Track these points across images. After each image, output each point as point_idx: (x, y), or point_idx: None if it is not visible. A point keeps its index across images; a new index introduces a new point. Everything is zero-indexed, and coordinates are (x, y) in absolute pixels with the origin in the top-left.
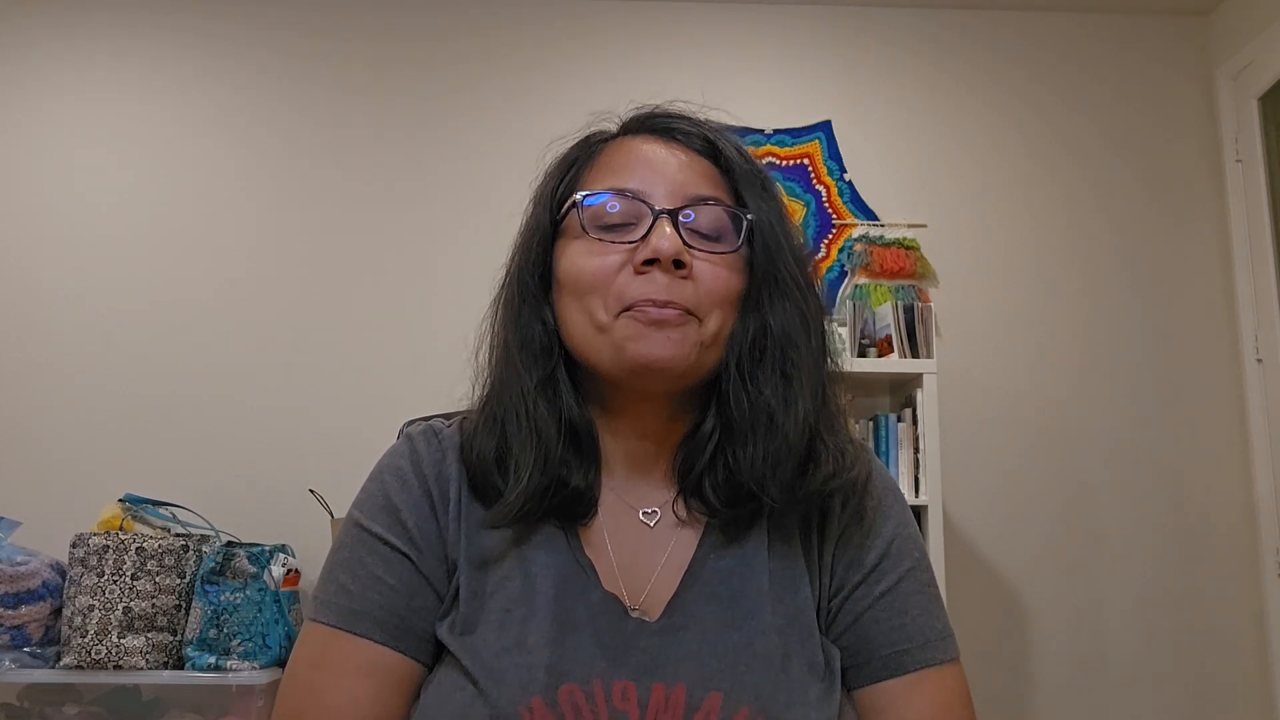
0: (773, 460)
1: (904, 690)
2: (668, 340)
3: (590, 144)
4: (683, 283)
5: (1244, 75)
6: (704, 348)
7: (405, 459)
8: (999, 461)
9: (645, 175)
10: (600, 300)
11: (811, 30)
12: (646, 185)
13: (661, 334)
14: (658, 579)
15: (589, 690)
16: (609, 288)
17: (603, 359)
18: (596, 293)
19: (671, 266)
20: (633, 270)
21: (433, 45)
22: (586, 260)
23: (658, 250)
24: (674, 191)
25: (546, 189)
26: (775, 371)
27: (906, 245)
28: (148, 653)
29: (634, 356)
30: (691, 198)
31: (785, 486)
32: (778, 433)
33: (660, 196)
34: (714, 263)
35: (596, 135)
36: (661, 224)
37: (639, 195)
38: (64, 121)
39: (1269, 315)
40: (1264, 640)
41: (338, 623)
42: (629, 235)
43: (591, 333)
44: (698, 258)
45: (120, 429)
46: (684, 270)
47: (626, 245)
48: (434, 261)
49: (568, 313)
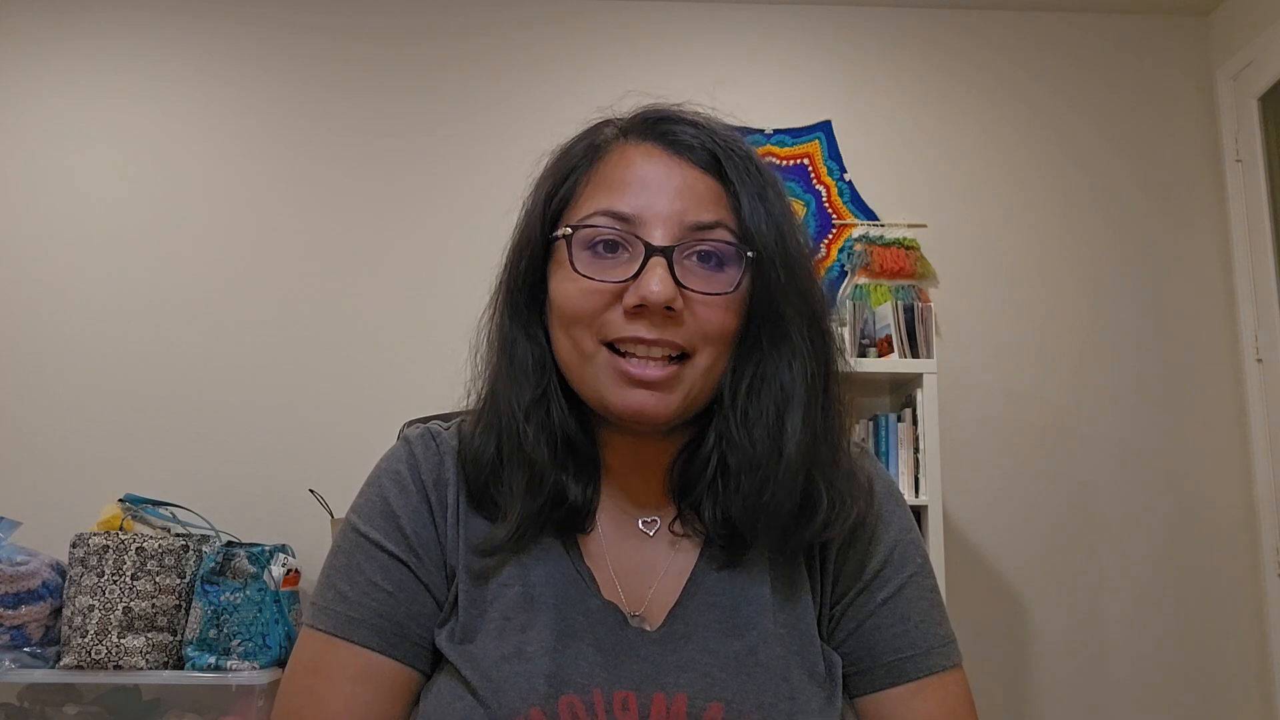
0: (764, 509)
1: (907, 698)
2: (650, 395)
3: (589, 150)
4: (674, 324)
5: (1244, 75)
6: (694, 390)
7: (403, 464)
8: (999, 461)
9: (643, 198)
10: (586, 330)
11: (811, 30)
12: (644, 209)
13: (645, 390)
14: (658, 588)
15: (589, 700)
16: (595, 320)
17: (587, 393)
18: (582, 323)
19: (663, 310)
20: (622, 310)
21: (432, 45)
22: (574, 291)
23: (647, 297)
24: (672, 218)
25: (539, 199)
26: (768, 415)
27: (906, 245)
28: (148, 653)
29: (615, 406)
30: (690, 227)
31: (778, 533)
32: (769, 481)
33: (657, 225)
34: (708, 304)
35: (595, 138)
36: (654, 266)
37: (634, 225)
38: (64, 121)
39: (1269, 315)
40: (1264, 640)
41: (335, 630)
42: (621, 264)
43: (578, 361)
44: (691, 299)
45: (120, 429)
46: (675, 312)
47: (615, 283)
48: (434, 261)
49: (557, 336)
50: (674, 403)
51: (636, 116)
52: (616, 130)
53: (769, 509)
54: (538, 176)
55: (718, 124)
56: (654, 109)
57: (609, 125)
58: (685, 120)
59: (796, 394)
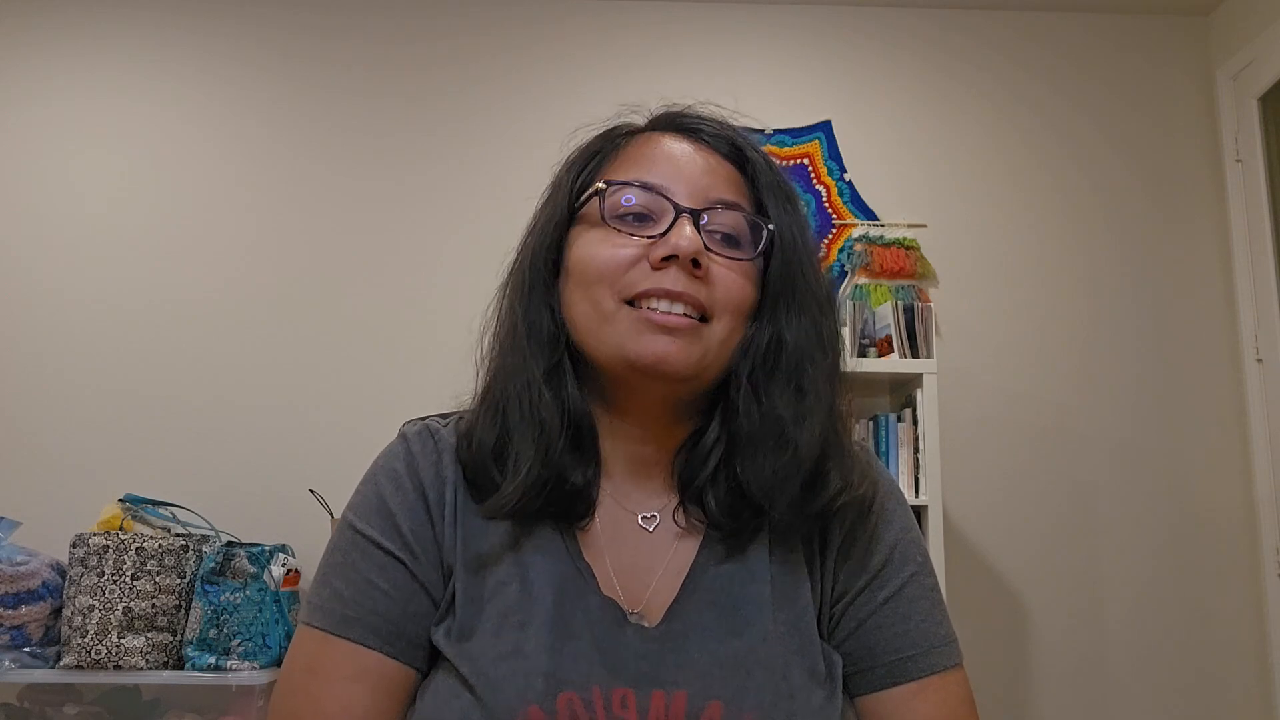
0: (781, 475)
1: (908, 697)
2: (672, 342)
3: (615, 136)
4: (698, 282)
5: (1244, 75)
6: (710, 355)
7: (400, 461)
8: (999, 461)
9: (669, 172)
10: (608, 289)
11: (811, 30)
12: (670, 181)
13: (667, 336)
14: (657, 585)
15: (587, 698)
16: (619, 278)
17: (605, 351)
18: (605, 281)
19: (689, 265)
20: (649, 265)
21: (432, 45)
22: (600, 249)
23: (677, 247)
24: (697, 193)
25: (567, 177)
26: (789, 385)
27: (906, 245)
28: (148, 653)
29: (637, 354)
30: (714, 201)
31: (792, 503)
32: (788, 447)
33: (683, 195)
34: (730, 269)
35: (622, 128)
36: (683, 222)
37: (662, 190)
38: (64, 121)
39: (1269, 315)
40: (1264, 640)
41: (331, 628)
42: (648, 229)
43: (596, 322)
44: (715, 261)
45: (120, 429)
46: (700, 270)
47: (644, 239)
48: (434, 261)
49: (573, 301)
50: (693, 355)
51: (660, 114)
52: (642, 123)
53: (786, 472)
54: (563, 162)
55: (738, 126)
56: (677, 107)
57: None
58: (707, 117)
59: (814, 363)
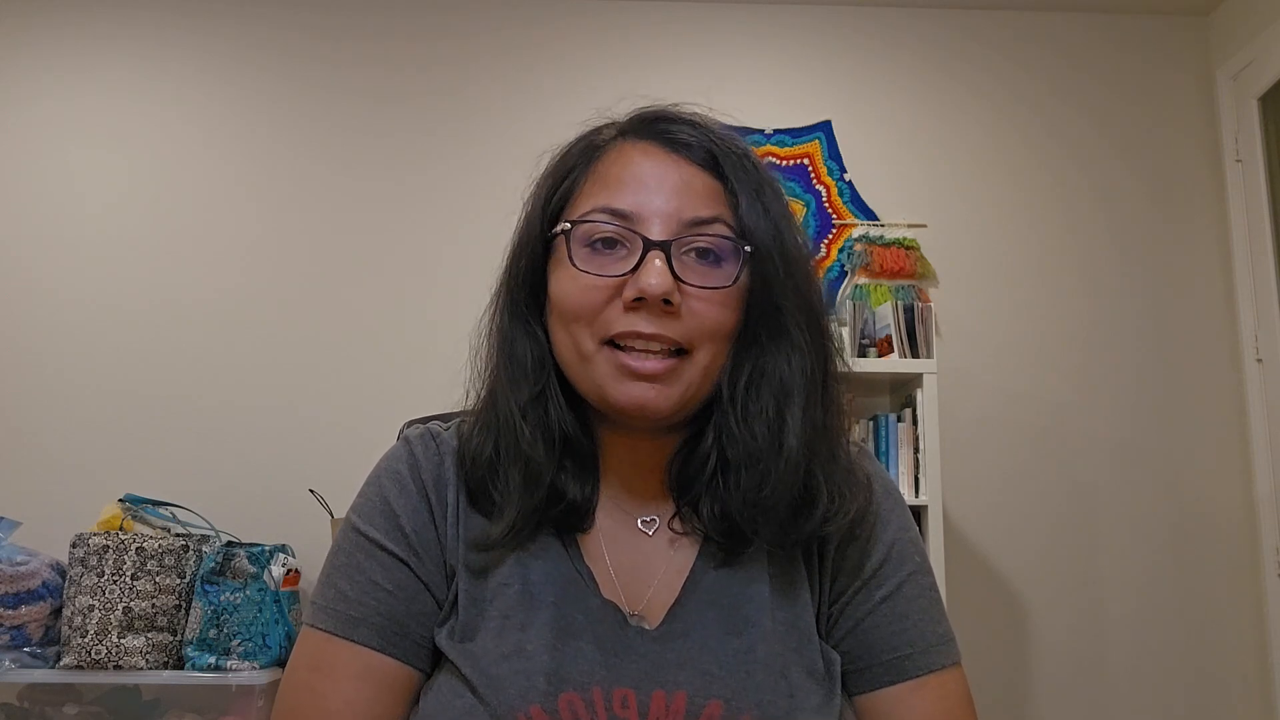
0: (764, 505)
1: (906, 696)
2: (650, 388)
3: (588, 149)
4: (671, 319)
5: (1244, 75)
6: (693, 386)
7: (403, 463)
8: (999, 461)
9: (641, 194)
10: (586, 329)
11: (811, 30)
12: (641, 208)
13: (645, 382)
14: (657, 586)
15: (589, 698)
16: (595, 318)
17: (587, 389)
18: (582, 321)
19: (661, 304)
20: (621, 305)
21: (432, 45)
22: (573, 288)
23: (645, 289)
24: (670, 215)
25: (540, 198)
26: (768, 410)
27: (906, 245)
28: (148, 653)
29: (616, 400)
30: (688, 223)
31: (778, 528)
32: (768, 478)
33: (655, 221)
34: (706, 299)
35: (595, 138)
36: (651, 258)
37: (631, 222)
38: (63, 121)
39: (1269, 315)
40: (1264, 640)
41: (335, 629)
42: (619, 261)
43: (576, 360)
44: (689, 294)
45: (120, 429)
46: (673, 307)
47: (614, 278)
48: (434, 261)
49: (556, 333)
50: (673, 396)
51: (634, 116)
52: (615, 130)
53: (768, 503)
54: (537, 176)
55: (715, 123)
56: (651, 109)
57: (608, 126)
58: (683, 119)
59: (796, 389)
